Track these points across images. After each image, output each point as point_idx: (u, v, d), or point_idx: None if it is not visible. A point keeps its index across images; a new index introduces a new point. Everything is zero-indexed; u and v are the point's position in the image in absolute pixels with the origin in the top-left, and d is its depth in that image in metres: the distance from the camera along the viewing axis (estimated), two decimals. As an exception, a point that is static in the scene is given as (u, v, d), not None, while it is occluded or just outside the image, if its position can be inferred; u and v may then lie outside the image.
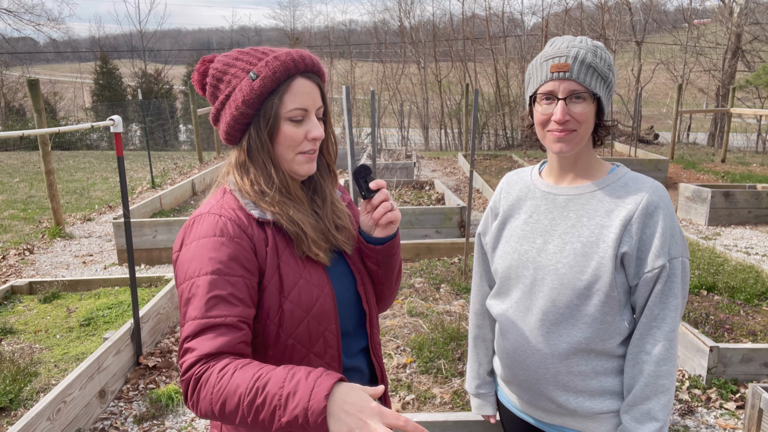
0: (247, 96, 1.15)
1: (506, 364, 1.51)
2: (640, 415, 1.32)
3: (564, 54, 1.30)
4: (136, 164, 13.33)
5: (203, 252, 1.11)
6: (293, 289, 1.16)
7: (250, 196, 1.19)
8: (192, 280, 1.10)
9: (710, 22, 24.95)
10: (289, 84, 1.16)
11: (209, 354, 1.04)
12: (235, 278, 1.10)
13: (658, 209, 1.31)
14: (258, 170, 1.20)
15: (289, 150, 1.19)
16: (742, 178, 10.01)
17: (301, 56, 1.17)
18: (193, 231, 1.15)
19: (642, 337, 1.33)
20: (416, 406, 3.12)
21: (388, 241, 1.28)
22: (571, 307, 1.35)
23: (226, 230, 1.13)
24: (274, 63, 1.15)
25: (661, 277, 1.30)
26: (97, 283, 4.79)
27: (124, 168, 3.41)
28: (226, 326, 1.07)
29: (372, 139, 5.14)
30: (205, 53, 11.38)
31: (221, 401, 0.98)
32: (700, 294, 4.54)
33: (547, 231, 1.41)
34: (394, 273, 1.36)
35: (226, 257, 1.11)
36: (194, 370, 1.03)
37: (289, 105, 1.16)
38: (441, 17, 30.86)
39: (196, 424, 3.09)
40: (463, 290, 4.71)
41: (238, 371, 0.99)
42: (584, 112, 1.31)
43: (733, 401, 3.20)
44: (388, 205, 1.23)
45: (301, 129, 1.18)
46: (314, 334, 1.18)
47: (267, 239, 1.17)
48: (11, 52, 30.13)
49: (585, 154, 1.40)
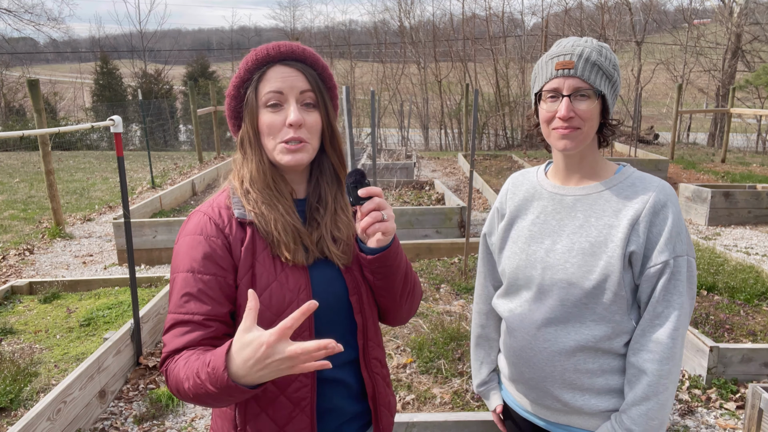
0: (230, 88, 1.23)
1: (513, 362, 1.51)
2: (638, 416, 1.32)
3: (569, 52, 1.32)
4: (136, 164, 13.33)
5: (184, 249, 1.18)
6: (265, 290, 1.16)
7: (239, 194, 1.22)
8: (174, 276, 1.18)
9: (710, 22, 24.94)
10: (264, 72, 1.19)
11: (175, 350, 1.13)
12: (207, 276, 1.15)
13: (666, 208, 1.31)
14: (248, 165, 1.23)
15: (269, 138, 1.19)
16: (742, 178, 10.01)
17: (276, 45, 1.20)
18: (183, 227, 1.22)
19: (644, 334, 1.33)
20: (416, 406, 3.12)
21: (379, 252, 1.18)
22: (580, 306, 1.36)
23: (204, 229, 1.18)
24: (250, 56, 1.20)
25: (665, 273, 1.29)
26: (97, 284, 4.79)
27: (124, 168, 3.41)
28: (194, 323, 1.13)
29: (372, 139, 5.14)
30: (205, 53, 11.43)
31: (176, 387, 1.10)
32: (700, 294, 4.54)
33: (555, 231, 1.41)
34: (395, 285, 1.26)
35: (200, 256, 1.16)
36: (166, 363, 1.14)
37: (263, 90, 1.18)
38: (441, 17, 30.88)
39: (196, 424, 3.09)
40: (463, 290, 4.71)
41: (181, 367, 1.09)
42: (588, 110, 1.31)
43: (733, 401, 3.20)
44: (378, 215, 1.14)
45: (280, 115, 1.18)
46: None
47: (245, 239, 1.18)
48: (11, 52, 30.13)
49: (590, 154, 1.41)
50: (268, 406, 1.19)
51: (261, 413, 1.19)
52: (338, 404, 1.26)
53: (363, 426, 1.32)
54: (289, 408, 1.19)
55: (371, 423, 1.33)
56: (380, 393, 1.32)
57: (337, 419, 1.26)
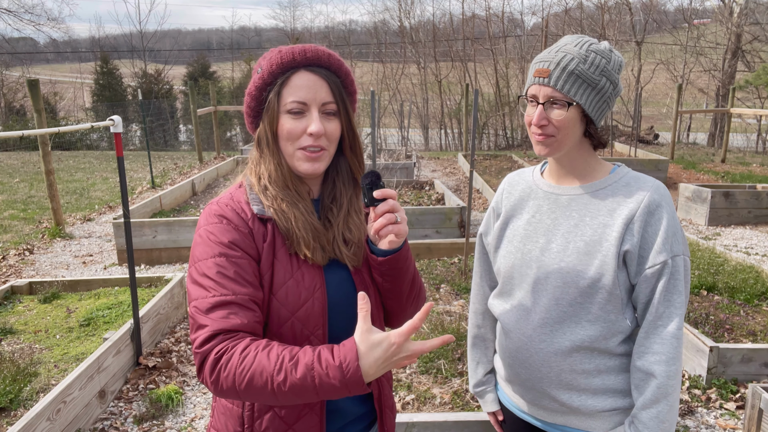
0: (251, 88, 1.22)
1: (509, 363, 1.51)
2: (649, 420, 1.32)
3: (549, 59, 1.33)
4: (136, 164, 13.34)
5: (209, 237, 1.15)
6: (282, 287, 1.16)
7: (256, 191, 1.22)
8: (200, 263, 1.14)
9: (710, 22, 24.94)
10: (288, 77, 1.18)
11: (223, 330, 1.06)
12: (241, 260, 1.13)
13: (660, 207, 1.32)
14: (265, 164, 1.23)
15: (288, 144, 1.20)
16: (742, 178, 10.01)
17: (302, 50, 1.18)
18: (202, 219, 1.21)
19: (648, 336, 1.33)
20: (416, 407, 3.12)
21: (391, 254, 1.20)
22: (575, 305, 1.36)
23: (231, 218, 1.17)
24: (275, 58, 1.19)
25: (664, 273, 1.30)
26: (97, 284, 4.79)
27: (124, 168, 3.41)
28: (237, 305, 1.09)
29: (372, 139, 5.14)
30: (205, 53, 11.42)
31: (247, 381, 1.02)
32: (700, 294, 4.54)
33: (550, 230, 1.41)
34: (402, 289, 1.27)
35: (229, 241, 1.14)
36: (209, 346, 1.05)
37: (287, 98, 1.18)
38: (441, 17, 30.84)
39: (196, 424, 3.09)
40: (463, 290, 4.71)
41: (260, 353, 1.03)
42: (561, 119, 1.32)
43: (733, 401, 3.20)
44: (392, 217, 1.15)
45: (301, 123, 1.18)
46: (299, 336, 1.17)
47: (266, 235, 1.18)
48: (11, 52, 30.13)
49: (581, 156, 1.41)
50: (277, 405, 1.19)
51: (270, 411, 1.19)
52: (343, 405, 1.27)
53: (366, 427, 1.32)
54: (299, 407, 1.19)
55: (373, 424, 1.33)
56: (385, 395, 1.34)
57: (341, 419, 1.27)
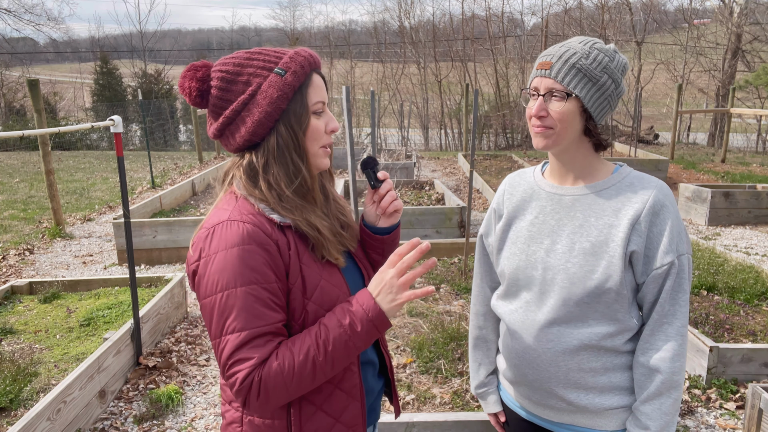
0: (282, 90, 1.15)
1: (515, 364, 1.50)
2: (652, 411, 1.34)
3: (553, 53, 1.35)
4: (136, 164, 13.34)
5: (234, 262, 1.09)
6: (315, 290, 1.18)
7: (267, 200, 1.18)
8: (227, 292, 1.09)
9: (710, 22, 24.93)
10: (311, 78, 1.21)
11: (263, 360, 1.10)
12: (272, 285, 1.12)
13: (665, 207, 1.33)
14: (281, 170, 1.19)
15: (314, 143, 1.22)
16: (742, 178, 10.01)
17: (311, 54, 1.22)
18: (217, 240, 1.12)
19: (653, 333, 1.35)
20: (416, 406, 3.12)
21: (394, 229, 1.38)
22: (582, 305, 1.36)
23: (253, 238, 1.11)
24: (299, 58, 1.18)
25: (671, 273, 1.32)
26: (97, 284, 4.79)
27: (124, 168, 3.41)
28: (272, 333, 1.12)
29: (372, 139, 5.13)
30: (206, 53, 11.35)
31: (296, 375, 1.10)
32: (700, 294, 4.54)
33: (555, 231, 1.41)
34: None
35: (259, 265, 1.11)
36: (252, 376, 1.09)
37: (314, 98, 1.20)
38: (441, 17, 30.86)
39: (196, 424, 3.09)
40: (463, 290, 4.71)
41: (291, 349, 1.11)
42: (560, 111, 1.32)
43: (733, 401, 3.20)
44: (394, 194, 1.33)
45: (321, 121, 1.22)
46: None
47: (289, 243, 1.17)
48: (11, 52, 30.13)
49: (581, 155, 1.41)
50: (324, 403, 1.22)
51: (317, 411, 1.22)
52: (371, 383, 1.36)
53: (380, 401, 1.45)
54: (343, 399, 1.24)
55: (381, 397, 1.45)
56: (391, 366, 1.45)
57: (370, 397, 1.36)
